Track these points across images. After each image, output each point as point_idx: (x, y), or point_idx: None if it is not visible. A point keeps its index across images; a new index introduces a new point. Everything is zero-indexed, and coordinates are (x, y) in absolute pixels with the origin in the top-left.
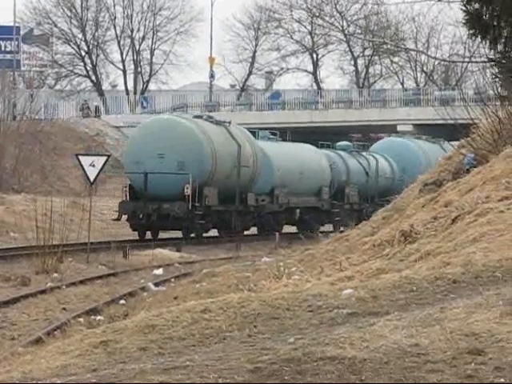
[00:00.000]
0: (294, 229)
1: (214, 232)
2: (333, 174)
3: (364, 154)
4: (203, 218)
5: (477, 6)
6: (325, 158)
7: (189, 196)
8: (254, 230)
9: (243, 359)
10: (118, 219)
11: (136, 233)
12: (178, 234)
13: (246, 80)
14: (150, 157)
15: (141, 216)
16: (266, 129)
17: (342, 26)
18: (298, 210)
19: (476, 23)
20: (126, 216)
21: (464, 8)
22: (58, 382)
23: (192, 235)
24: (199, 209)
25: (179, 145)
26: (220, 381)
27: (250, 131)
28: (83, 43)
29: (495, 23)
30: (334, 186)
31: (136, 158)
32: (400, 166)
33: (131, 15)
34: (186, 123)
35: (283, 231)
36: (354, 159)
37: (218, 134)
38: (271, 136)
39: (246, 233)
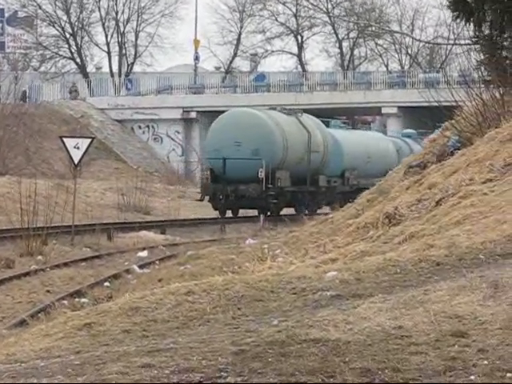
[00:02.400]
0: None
1: (199, 214)
2: (399, 157)
3: None
4: (276, 197)
5: None
6: (391, 143)
7: (262, 179)
8: (242, 213)
9: (227, 341)
10: (201, 200)
11: (119, 215)
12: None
13: (231, 62)
14: (228, 145)
15: (221, 197)
16: None
17: (327, 9)
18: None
19: (460, 6)
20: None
21: None
22: (42, 364)
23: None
24: (272, 190)
25: (253, 134)
26: (204, 363)
27: (323, 121)
28: (68, 25)
29: (479, 6)
30: None
31: (216, 145)
32: None
33: None
34: (260, 114)
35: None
36: (419, 145)
37: (290, 124)
38: (342, 124)
39: (230, 215)
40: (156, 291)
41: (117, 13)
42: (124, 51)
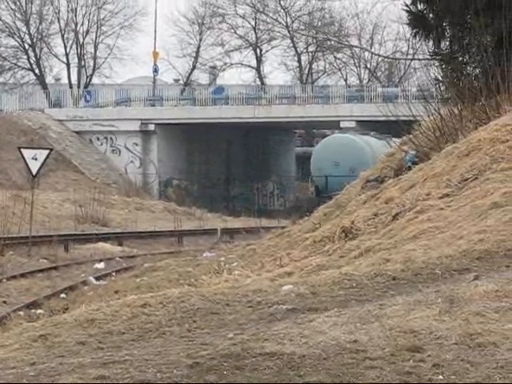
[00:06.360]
0: (236, 224)
1: (157, 226)
2: None
3: None
4: None
5: (421, 6)
6: None
7: None
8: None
9: (182, 354)
10: (308, 212)
11: (76, 226)
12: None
13: (190, 75)
14: (328, 164)
15: None
16: (208, 124)
17: (286, 22)
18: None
19: (419, 23)
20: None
21: (407, 8)
22: None
23: None
24: None
25: (350, 155)
26: (159, 375)
27: None
28: (27, 36)
29: (438, 23)
30: None
31: (319, 165)
32: None
33: (75, 9)
34: (355, 139)
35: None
36: None
37: (380, 146)
38: None
39: (188, 228)
40: (112, 303)
41: (76, 24)
42: (83, 63)
